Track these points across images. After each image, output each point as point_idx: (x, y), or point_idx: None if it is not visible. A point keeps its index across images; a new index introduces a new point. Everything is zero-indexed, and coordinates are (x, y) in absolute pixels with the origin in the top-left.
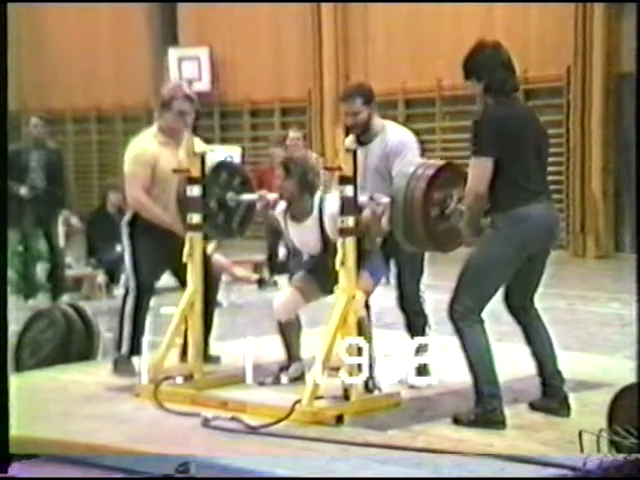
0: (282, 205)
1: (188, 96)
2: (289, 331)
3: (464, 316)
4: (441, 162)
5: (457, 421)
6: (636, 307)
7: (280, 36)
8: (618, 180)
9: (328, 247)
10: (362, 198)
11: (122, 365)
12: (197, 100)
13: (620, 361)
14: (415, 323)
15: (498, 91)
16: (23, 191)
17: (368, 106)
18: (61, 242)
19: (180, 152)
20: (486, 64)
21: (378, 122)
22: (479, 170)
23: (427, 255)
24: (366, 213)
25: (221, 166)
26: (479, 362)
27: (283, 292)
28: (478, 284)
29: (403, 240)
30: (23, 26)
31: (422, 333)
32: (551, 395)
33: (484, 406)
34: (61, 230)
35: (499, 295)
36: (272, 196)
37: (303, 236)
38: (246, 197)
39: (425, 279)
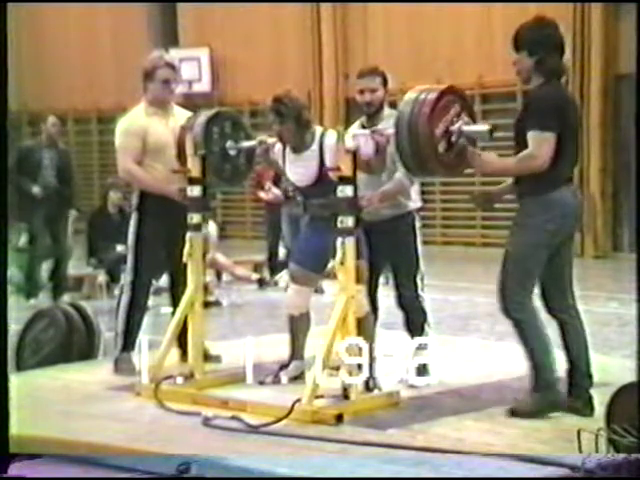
0: (279, 145)
1: (170, 64)
2: (299, 327)
3: (522, 307)
4: (443, 86)
5: (514, 413)
6: (635, 307)
7: (280, 36)
8: (616, 181)
9: (322, 180)
10: (363, 131)
11: (123, 364)
12: (179, 69)
13: (619, 360)
14: (414, 320)
15: (549, 71)
16: (36, 190)
17: (384, 87)
18: (69, 242)
19: (170, 121)
20: (543, 41)
21: (387, 109)
22: (546, 145)
23: (425, 255)
24: (366, 150)
25: (216, 116)
26: (542, 352)
27: (290, 288)
28: (522, 273)
29: (413, 167)
30: (23, 26)
31: (421, 330)
32: (577, 395)
33: (545, 396)
34: (70, 229)
35: (496, 296)
36: (272, 140)
37: (300, 167)
38: (246, 144)
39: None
